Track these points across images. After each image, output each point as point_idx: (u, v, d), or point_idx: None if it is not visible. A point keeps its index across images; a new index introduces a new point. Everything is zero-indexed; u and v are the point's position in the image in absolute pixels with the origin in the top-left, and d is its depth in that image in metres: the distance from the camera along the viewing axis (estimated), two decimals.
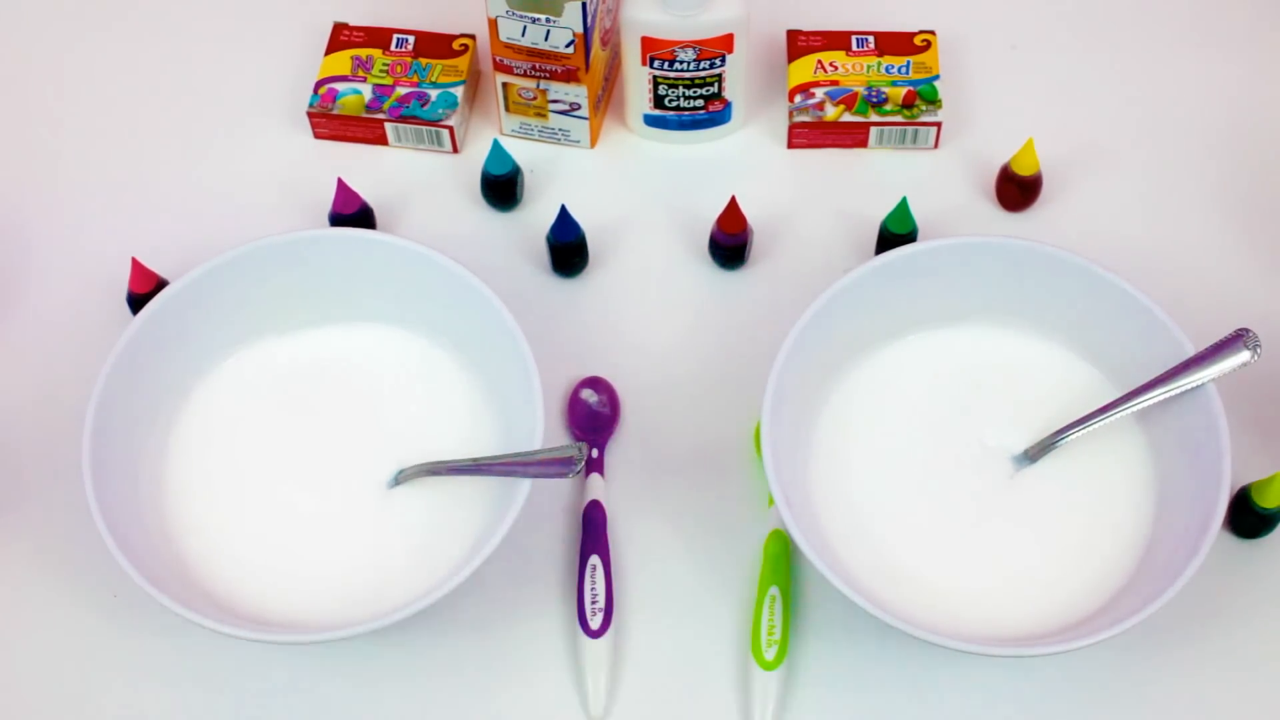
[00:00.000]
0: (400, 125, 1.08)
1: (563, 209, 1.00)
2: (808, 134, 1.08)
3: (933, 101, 1.07)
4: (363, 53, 1.10)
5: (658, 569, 0.94)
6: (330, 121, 1.09)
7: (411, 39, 1.11)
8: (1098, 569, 0.89)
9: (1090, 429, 0.91)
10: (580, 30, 1.00)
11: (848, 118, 1.07)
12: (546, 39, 1.01)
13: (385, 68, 1.09)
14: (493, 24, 1.01)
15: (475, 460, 0.90)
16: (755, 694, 0.89)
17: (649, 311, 1.03)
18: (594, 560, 0.92)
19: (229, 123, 1.11)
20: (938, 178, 1.08)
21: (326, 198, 1.06)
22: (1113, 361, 0.95)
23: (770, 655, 0.89)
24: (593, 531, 0.93)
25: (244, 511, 0.92)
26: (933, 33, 1.10)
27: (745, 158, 1.09)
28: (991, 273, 0.94)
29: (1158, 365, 0.91)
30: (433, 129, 1.08)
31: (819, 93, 1.08)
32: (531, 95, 1.06)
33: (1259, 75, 1.12)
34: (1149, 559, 0.89)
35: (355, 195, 1.04)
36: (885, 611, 0.83)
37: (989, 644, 0.84)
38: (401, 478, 0.92)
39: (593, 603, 0.91)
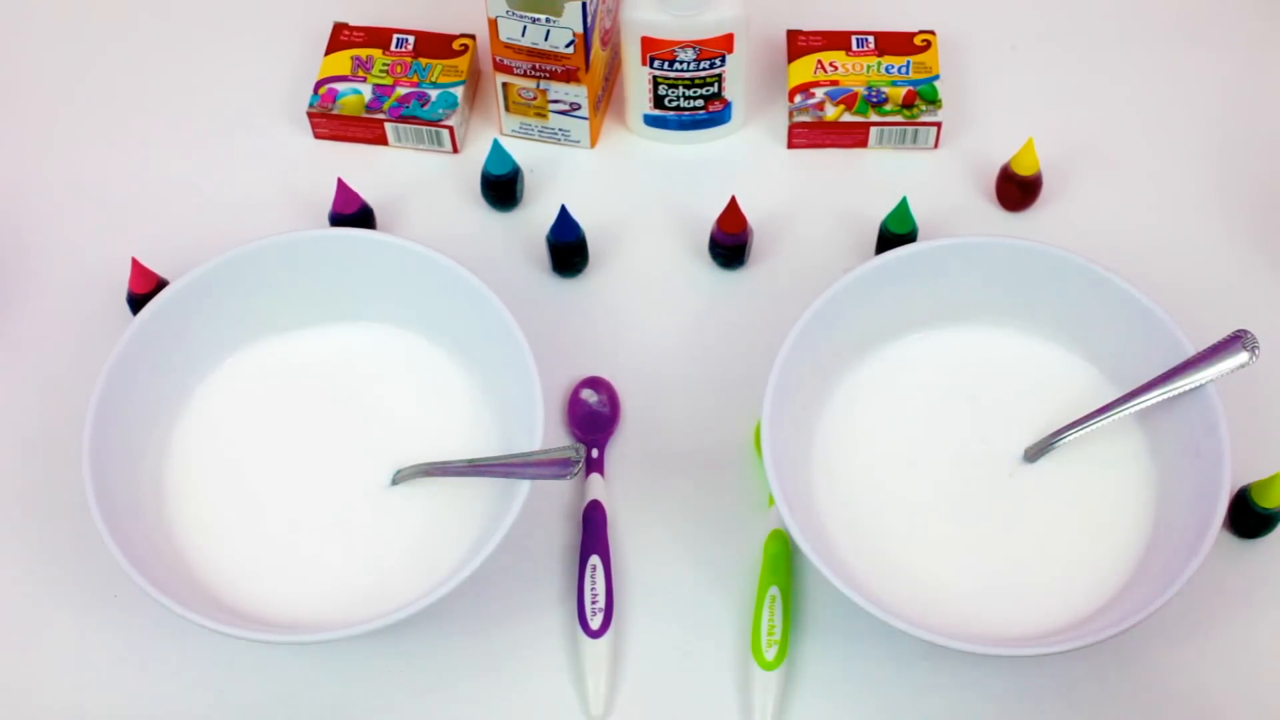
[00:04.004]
0: (400, 125, 1.08)
1: (563, 209, 1.00)
2: (808, 134, 1.08)
3: (933, 101, 1.07)
4: (363, 53, 1.10)
5: (658, 569, 0.94)
6: (330, 121, 1.09)
7: (411, 39, 1.11)
8: (1098, 569, 0.89)
9: (1090, 429, 0.91)
10: (580, 30, 1.00)
11: (848, 118, 1.07)
12: (546, 39, 1.01)
13: (385, 68, 1.09)
14: (493, 24, 1.01)
15: (474, 461, 0.90)
16: (755, 694, 0.89)
17: (649, 311, 1.03)
18: (594, 560, 0.92)
19: (229, 123, 1.11)
20: (938, 178, 1.08)
21: (326, 198, 1.06)
22: (1113, 361, 0.95)
23: (770, 655, 0.89)
24: (593, 531, 0.93)
25: (244, 511, 0.92)
26: (933, 33, 1.10)
27: (745, 158, 1.09)
28: (991, 273, 0.94)
29: (1158, 365, 0.91)
30: (433, 129, 1.08)
31: (819, 93, 1.08)
32: (531, 95, 1.06)
33: (1259, 75, 1.12)
34: (1149, 559, 0.89)
35: (355, 195, 1.04)
36: (885, 611, 0.83)
37: (989, 644, 0.84)
38: (400, 478, 0.93)
39: (593, 603, 0.91)
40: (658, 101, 1.07)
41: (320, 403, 0.96)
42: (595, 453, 0.96)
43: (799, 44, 1.10)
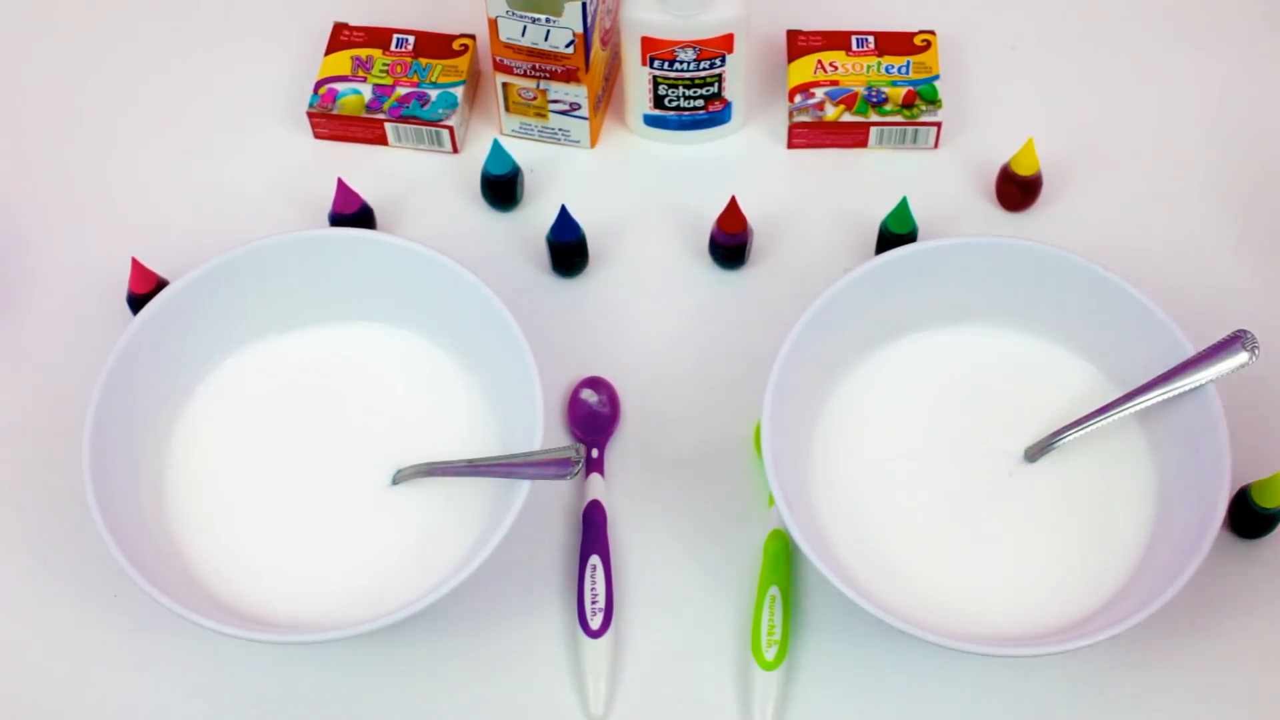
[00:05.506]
0: (400, 125, 1.08)
1: (563, 209, 1.00)
2: (808, 134, 1.08)
3: (933, 101, 1.07)
4: (363, 53, 1.10)
5: (658, 569, 0.94)
6: (330, 121, 1.09)
7: (411, 39, 1.11)
8: (1098, 569, 0.89)
9: (1090, 429, 0.91)
10: (580, 30, 1.00)
11: (848, 118, 1.07)
12: (546, 39, 1.01)
13: (385, 68, 1.09)
14: (493, 24, 1.01)
15: (474, 461, 0.90)
16: (755, 694, 0.89)
17: (649, 311, 1.03)
18: (594, 560, 0.92)
19: (229, 123, 1.11)
20: (938, 178, 1.08)
21: (326, 198, 1.06)
22: (1113, 361, 0.95)
23: (770, 655, 0.89)
24: (593, 531, 0.93)
25: (244, 511, 0.92)
26: (933, 33, 1.10)
27: (745, 158, 1.09)
28: (991, 273, 0.94)
29: (1158, 365, 0.91)
30: (433, 129, 1.08)
31: (819, 93, 1.08)
32: (531, 95, 1.06)
33: (1259, 75, 1.12)
34: (1149, 559, 0.89)
35: (355, 195, 1.04)
36: (885, 611, 0.83)
37: (989, 644, 0.84)
38: (400, 478, 0.93)
39: (593, 603, 0.91)
40: (658, 101, 1.07)
41: (320, 403, 0.96)
42: (595, 453, 0.96)
43: (799, 44, 1.10)
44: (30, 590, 0.94)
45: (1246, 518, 0.92)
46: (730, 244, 1.02)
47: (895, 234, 1.01)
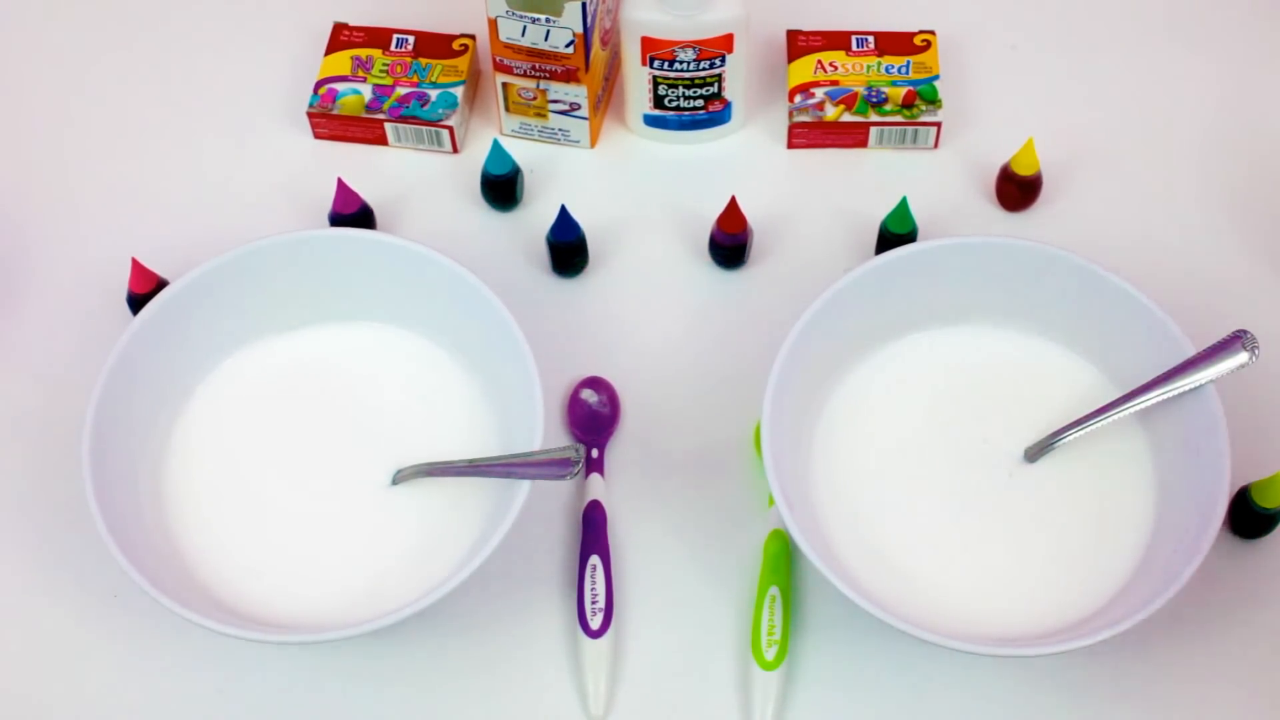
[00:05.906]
0: (400, 125, 1.08)
1: (563, 209, 1.00)
2: (808, 134, 1.08)
3: (933, 101, 1.07)
4: (363, 53, 1.10)
5: (658, 569, 0.94)
6: (330, 121, 1.09)
7: (411, 39, 1.11)
8: (1098, 569, 0.89)
9: (1090, 429, 0.91)
10: (580, 30, 1.00)
11: (848, 118, 1.07)
12: (546, 39, 1.01)
13: (385, 68, 1.09)
14: (493, 24, 1.01)
15: (474, 461, 0.90)
16: (755, 694, 0.89)
17: (649, 311, 1.03)
18: (594, 560, 0.92)
19: (229, 123, 1.11)
20: (938, 178, 1.08)
21: (326, 198, 1.06)
22: (1113, 361, 0.95)
23: (770, 655, 0.89)
24: (593, 531, 0.93)
25: (244, 511, 0.92)
26: (933, 33, 1.10)
27: (745, 158, 1.09)
28: (991, 273, 0.94)
29: (1158, 365, 0.91)
30: (433, 129, 1.08)
31: (819, 93, 1.08)
32: (531, 95, 1.06)
33: (1259, 75, 1.12)
34: (1149, 559, 0.89)
35: (355, 195, 1.04)
36: (885, 611, 0.83)
37: (989, 644, 0.84)
38: (400, 478, 0.93)
39: (593, 603, 0.91)
40: (658, 101, 1.07)
41: (320, 403, 0.96)
42: (595, 453, 0.96)
43: (799, 44, 1.10)
44: (30, 590, 0.94)
45: (1246, 518, 0.92)
46: (730, 244, 1.02)
47: (895, 234, 1.01)
